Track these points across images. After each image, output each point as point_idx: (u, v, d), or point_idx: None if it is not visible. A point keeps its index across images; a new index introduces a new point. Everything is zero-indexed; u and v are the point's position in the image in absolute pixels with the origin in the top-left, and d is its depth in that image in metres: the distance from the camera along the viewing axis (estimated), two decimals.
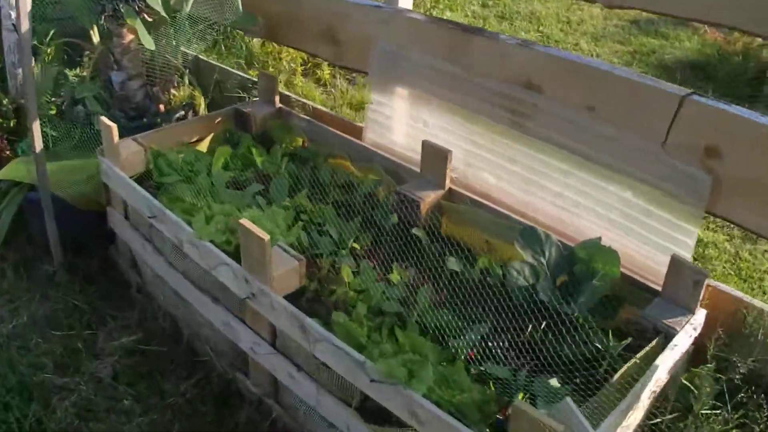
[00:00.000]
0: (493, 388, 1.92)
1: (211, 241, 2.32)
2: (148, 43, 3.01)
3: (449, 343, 2.06)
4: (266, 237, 2.04)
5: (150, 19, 3.20)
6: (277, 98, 3.14)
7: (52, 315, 2.75)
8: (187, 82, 3.38)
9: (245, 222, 2.10)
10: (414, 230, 2.48)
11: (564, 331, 2.10)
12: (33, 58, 2.78)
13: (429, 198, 2.53)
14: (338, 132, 2.98)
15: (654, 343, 2.07)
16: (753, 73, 5.00)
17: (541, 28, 5.74)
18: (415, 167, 2.72)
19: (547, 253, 2.34)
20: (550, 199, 2.55)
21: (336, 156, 2.89)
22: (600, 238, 2.33)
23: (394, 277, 2.33)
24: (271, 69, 4.24)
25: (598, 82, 2.33)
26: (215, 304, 2.39)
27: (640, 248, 2.37)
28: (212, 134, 3.04)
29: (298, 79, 4.18)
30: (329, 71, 4.35)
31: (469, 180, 2.72)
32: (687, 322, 2.11)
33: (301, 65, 4.31)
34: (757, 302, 2.21)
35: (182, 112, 3.24)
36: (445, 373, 1.95)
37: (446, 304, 2.22)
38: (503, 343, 2.10)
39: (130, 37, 3.22)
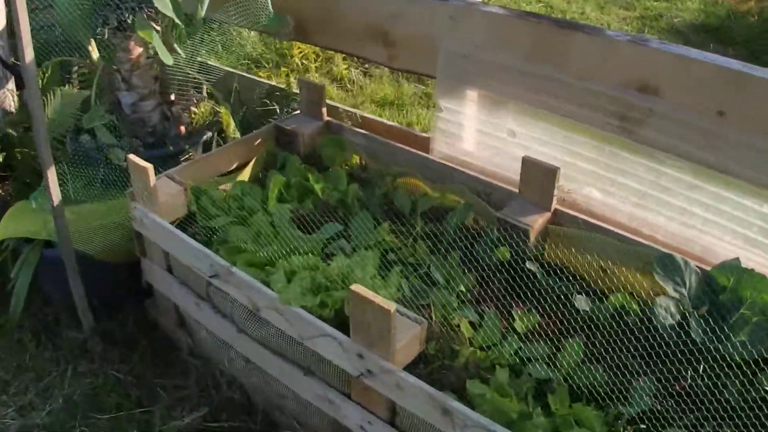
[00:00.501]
0: None
1: (302, 306, 1.95)
2: (166, 57, 2.57)
3: (614, 408, 1.77)
4: (392, 308, 1.69)
5: (158, 28, 2.76)
6: (324, 111, 2.75)
7: (93, 393, 2.35)
8: (206, 96, 2.94)
9: (359, 289, 1.74)
10: (528, 264, 2.16)
11: (732, 375, 1.84)
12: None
13: (537, 224, 2.22)
14: (403, 146, 2.62)
15: None
16: None
17: None
18: (502, 184, 2.40)
19: (687, 283, 2.06)
20: (671, 215, 2.26)
21: (405, 175, 2.53)
22: (738, 259, 2.06)
23: (519, 325, 2.01)
24: (283, 68, 3.81)
25: (729, 82, 2.03)
26: (308, 376, 2.03)
27: None
28: (254, 159, 2.63)
29: (313, 76, 3.77)
30: (345, 65, 3.94)
31: (572, 196, 2.40)
32: None
33: (314, 61, 3.89)
34: None
35: (209, 134, 2.81)
36: None
37: (589, 356, 1.91)
38: (661, 395, 1.82)
39: (138, 50, 2.77)
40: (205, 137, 2.81)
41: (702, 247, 2.23)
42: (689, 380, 1.83)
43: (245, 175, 2.59)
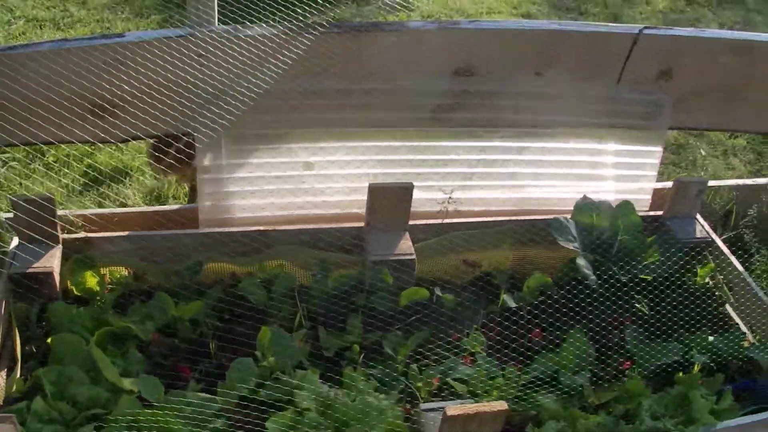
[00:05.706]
0: None
1: None
2: None
3: None
4: None
5: None
6: (59, 228, 1.97)
7: None
8: None
9: None
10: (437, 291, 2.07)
11: None
12: None
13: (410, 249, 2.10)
14: (181, 231, 2.08)
15: None
16: None
17: None
18: (338, 225, 2.17)
19: (575, 236, 2.21)
20: (501, 183, 2.35)
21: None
22: (587, 197, 2.28)
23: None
24: None
25: (544, 42, 2.18)
26: None
27: (617, 186, 2.42)
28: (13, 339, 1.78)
29: None
30: None
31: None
32: None
33: None
34: None
35: None
36: None
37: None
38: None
39: None
40: None
41: (536, 199, 2.38)
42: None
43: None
